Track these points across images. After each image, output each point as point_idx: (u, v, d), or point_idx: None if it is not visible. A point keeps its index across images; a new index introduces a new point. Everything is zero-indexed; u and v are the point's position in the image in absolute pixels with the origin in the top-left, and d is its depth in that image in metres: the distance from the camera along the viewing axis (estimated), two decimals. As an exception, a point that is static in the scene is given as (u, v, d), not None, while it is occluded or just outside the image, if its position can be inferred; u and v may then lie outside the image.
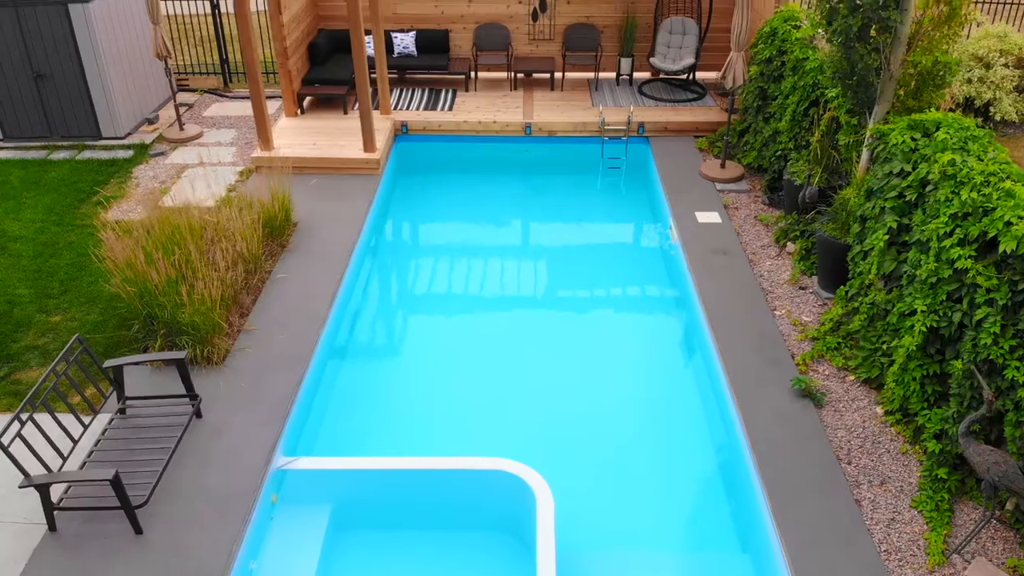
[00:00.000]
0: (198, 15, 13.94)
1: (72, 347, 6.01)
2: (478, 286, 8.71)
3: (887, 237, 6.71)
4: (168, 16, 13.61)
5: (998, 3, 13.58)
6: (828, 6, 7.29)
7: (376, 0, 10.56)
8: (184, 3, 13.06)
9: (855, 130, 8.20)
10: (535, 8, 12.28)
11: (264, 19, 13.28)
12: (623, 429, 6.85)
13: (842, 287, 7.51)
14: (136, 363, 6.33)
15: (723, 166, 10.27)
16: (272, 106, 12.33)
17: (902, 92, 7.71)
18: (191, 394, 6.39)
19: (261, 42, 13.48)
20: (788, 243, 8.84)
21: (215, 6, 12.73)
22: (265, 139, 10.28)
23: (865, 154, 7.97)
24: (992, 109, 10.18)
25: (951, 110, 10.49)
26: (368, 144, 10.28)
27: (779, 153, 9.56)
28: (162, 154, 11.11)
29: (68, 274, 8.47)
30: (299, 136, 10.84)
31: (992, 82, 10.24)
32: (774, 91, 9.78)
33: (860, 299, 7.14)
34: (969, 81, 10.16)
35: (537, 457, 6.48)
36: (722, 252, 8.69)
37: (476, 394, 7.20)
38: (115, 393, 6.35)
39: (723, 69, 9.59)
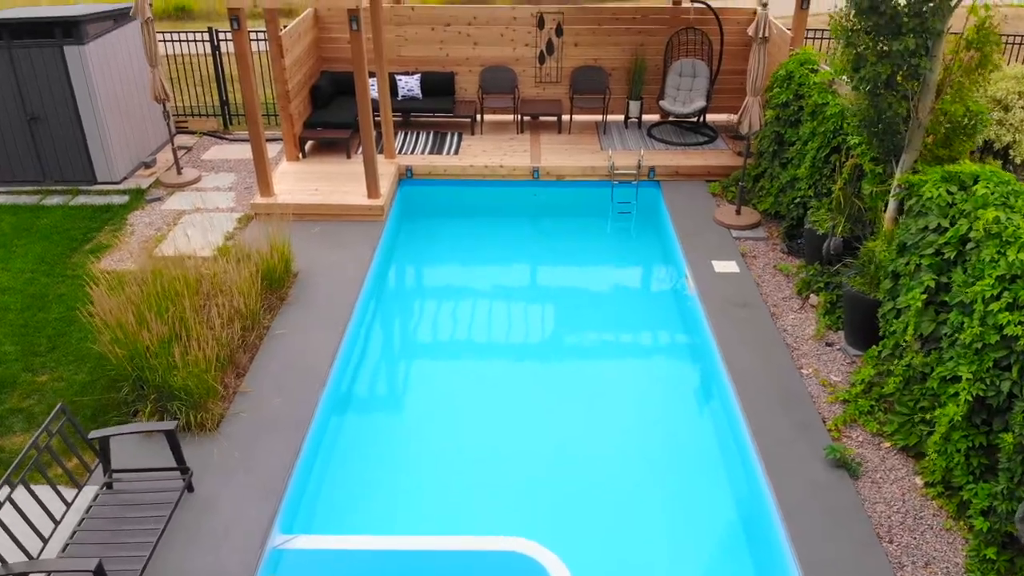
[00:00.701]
0: (198, 55, 13.71)
1: (56, 416, 5.58)
2: (486, 337, 8.31)
3: (924, 296, 6.33)
4: (168, 55, 13.39)
5: (1014, 44, 13.38)
6: (855, 52, 7.00)
7: (380, 42, 10.31)
8: (184, 43, 12.83)
9: (880, 179, 7.88)
10: (542, 51, 12.05)
11: (265, 59, 13.05)
12: (642, 498, 6.39)
13: (874, 347, 7.12)
14: (123, 434, 5.90)
15: (738, 212, 9.94)
16: (273, 149, 12.03)
17: (930, 140, 7.41)
18: (182, 467, 5.95)
19: (262, 83, 13.24)
20: (811, 295, 8.47)
21: (215, 47, 12.50)
22: (265, 185, 9.95)
23: (892, 204, 7.63)
24: (1012, 152, 9.88)
25: (971, 153, 10.19)
26: (372, 190, 9.95)
27: (798, 200, 9.23)
28: (158, 200, 10.77)
29: (56, 329, 8.07)
30: (300, 181, 10.52)
31: (1012, 125, 9.95)
32: (791, 136, 9.48)
33: (895, 361, 6.73)
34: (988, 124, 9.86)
35: (550, 530, 6.02)
36: (742, 304, 8.31)
37: (486, 457, 6.75)
38: (100, 465, 5.91)
39: (739, 114, 9.30)
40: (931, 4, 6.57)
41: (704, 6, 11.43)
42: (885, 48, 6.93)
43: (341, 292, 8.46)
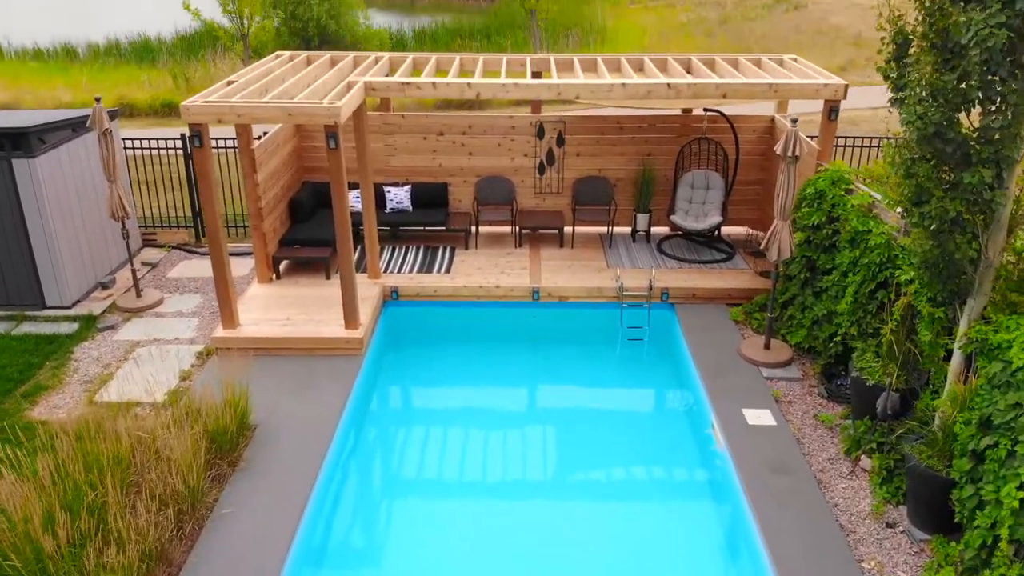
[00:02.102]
0: (173, 153, 12.60)
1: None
2: (481, 498, 6.95)
3: (1023, 494, 5.04)
4: (139, 156, 12.43)
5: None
6: (915, 183, 5.91)
7: (365, 152, 9.33)
8: (156, 151, 11.87)
9: (941, 323, 6.69)
10: (541, 161, 11.09)
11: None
12: None
13: (954, 545, 5.77)
14: None
15: (767, 346, 8.73)
16: (245, 266, 10.93)
17: (1001, 284, 6.26)
18: None
19: (239, 190, 12.17)
20: (862, 456, 7.16)
21: (188, 154, 11.54)
22: (228, 316, 8.77)
23: (958, 357, 6.42)
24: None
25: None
26: (350, 320, 8.77)
27: (837, 337, 8.04)
28: (111, 328, 9.58)
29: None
30: (270, 308, 9.35)
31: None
32: (825, 263, 8.36)
33: (981, 571, 5.38)
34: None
35: None
36: (783, 470, 6.99)
37: None
38: None
39: (766, 240, 8.21)
40: (1006, 129, 5.52)
41: (717, 114, 10.52)
42: (951, 179, 5.85)
43: (305, 452, 7.16)
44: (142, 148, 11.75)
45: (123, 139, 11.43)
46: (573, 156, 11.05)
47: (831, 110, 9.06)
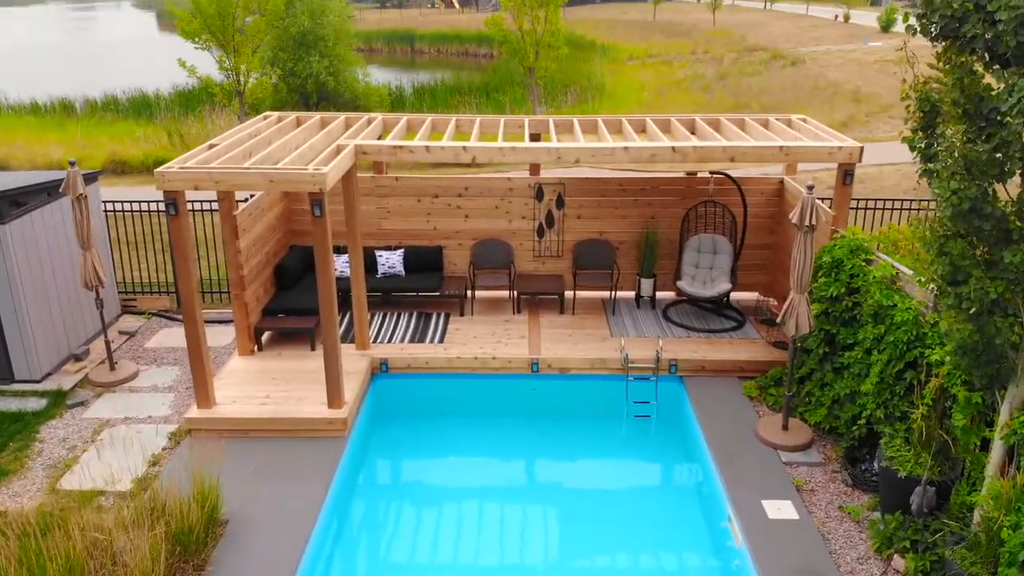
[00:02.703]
0: (159, 212, 11.97)
1: None
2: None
3: (1097, 622, 4.38)
4: (121, 216, 11.92)
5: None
6: (949, 261, 5.38)
7: (354, 214, 8.84)
8: (140, 204, 11.39)
9: (978, 409, 6.10)
10: (541, 223, 10.61)
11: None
12: None
13: (1013, 671, 5.08)
14: None
15: (785, 427, 8.10)
16: (227, 335, 10.35)
17: (1046, 368, 5.69)
18: None
19: (221, 251, 11.64)
20: (895, 555, 6.48)
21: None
22: (204, 395, 8.16)
23: (999, 448, 5.83)
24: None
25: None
26: (333, 399, 8.16)
27: (861, 419, 7.43)
28: (81, 404, 8.96)
29: None
30: (250, 384, 8.74)
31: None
32: (846, 337, 7.79)
33: None
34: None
35: None
36: (809, 572, 6.31)
37: None
38: None
39: (782, 313, 7.65)
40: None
41: (724, 176, 10.07)
42: (989, 257, 5.33)
43: (280, 552, 6.47)
44: (123, 210, 11.27)
45: (104, 201, 10.98)
46: (573, 218, 10.57)
47: (846, 173, 8.61)
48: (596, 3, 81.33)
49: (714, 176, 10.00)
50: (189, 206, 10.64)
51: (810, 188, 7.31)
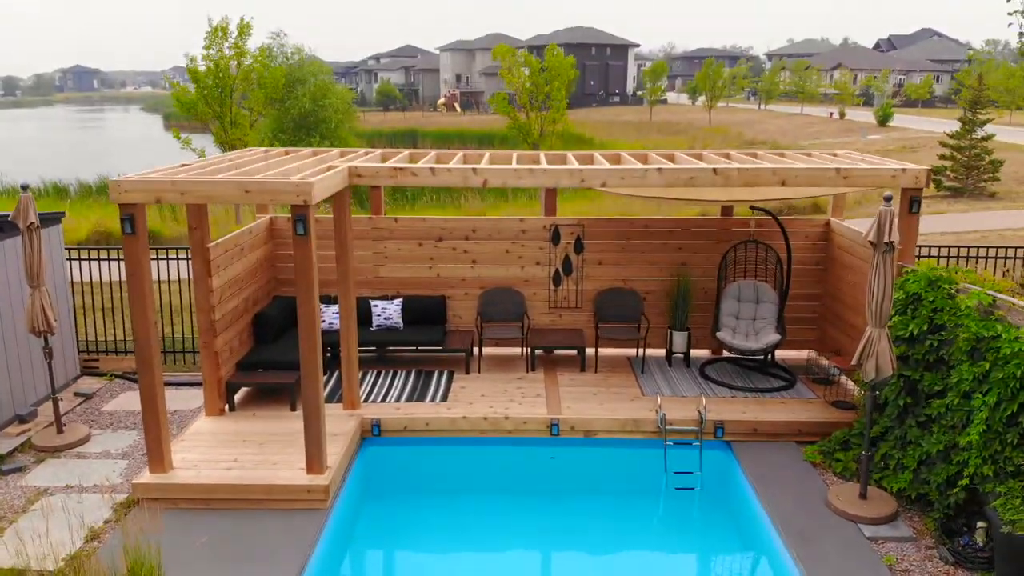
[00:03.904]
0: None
1: None
2: None
3: None
4: (87, 271, 10.75)
5: None
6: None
7: (347, 259, 7.67)
8: (108, 253, 10.23)
9: None
10: (557, 270, 9.43)
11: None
12: None
13: None
14: None
15: (864, 495, 6.64)
16: (195, 399, 8.97)
17: None
18: None
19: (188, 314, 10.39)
20: (1041, 657, 4.93)
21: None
22: (157, 456, 6.75)
23: None
24: None
25: None
26: (313, 462, 6.73)
27: (962, 480, 6.00)
28: (19, 470, 7.51)
29: None
30: (217, 447, 7.32)
31: None
32: (932, 384, 6.46)
33: None
34: None
35: None
36: None
37: None
38: None
39: (858, 353, 6.35)
40: None
41: (765, 213, 8.95)
42: None
43: (235, 653, 4.93)
44: (88, 258, 10.09)
45: (69, 248, 9.84)
46: (594, 264, 9.40)
47: (912, 200, 7.48)
48: (593, 106, 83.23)
49: (755, 212, 8.88)
50: (156, 269, 9.54)
51: (888, 199, 6.16)
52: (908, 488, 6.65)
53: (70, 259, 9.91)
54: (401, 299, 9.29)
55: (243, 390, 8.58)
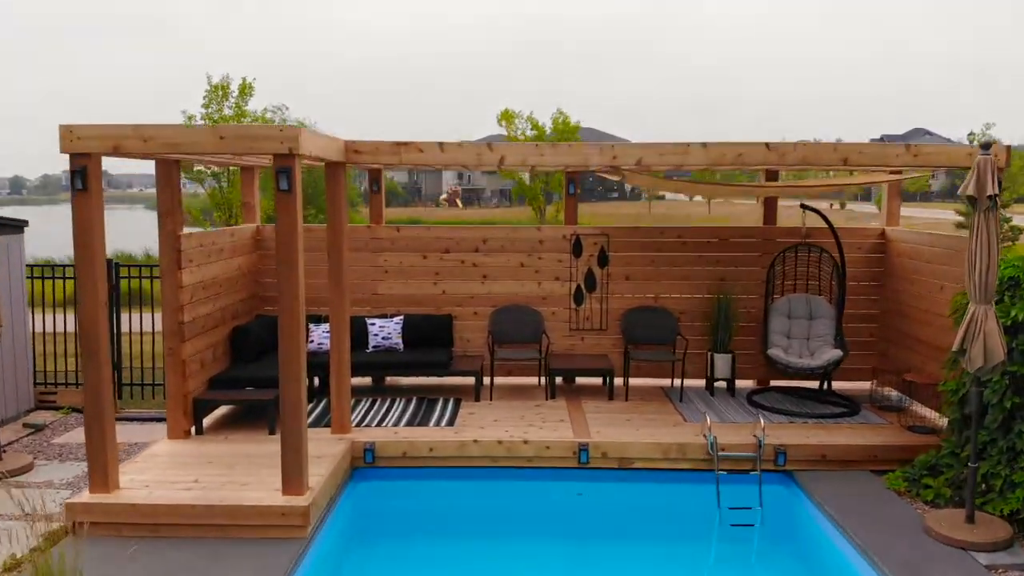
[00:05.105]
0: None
1: None
2: None
3: None
4: (51, 289, 9.64)
5: None
6: None
7: (341, 272, 6.61)
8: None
9: None
10: (579, 286, 8.35)
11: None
12: None
13: None
14: None
15: (971, 518, 5.33)
16: (160, 434, 7.69)
17: None
18: None
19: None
20: None
21: (113, 286, 8.77)
22: (99, 474, 5.48)
23: None
24: None
25: None
26: (291, 481, 5.45)
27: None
28: (-65, 501, 6.19)
29: None
30: (175, 467, 6.05)
31: None
32: (1051, 378, 5.27)
33: None
34: None
35: None
36: None
37: None
38: None
39: (959, 338, 5.20)
40: None
41: (816, 213, 7.92)
42: None
43: None
44: (53, 276, 9.02)
45: (31, 266, 8.82)
46: (620, 280, 8.33)
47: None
48: (594, 201, 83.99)
49: (805, 212, 7.86)
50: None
51: (985, 148, 5.17)
52: (1021, 508, 5.34)
53: (32, 277, 8.86)
54: (402, 317, 8.16)
55: (213, 415, 7.34)
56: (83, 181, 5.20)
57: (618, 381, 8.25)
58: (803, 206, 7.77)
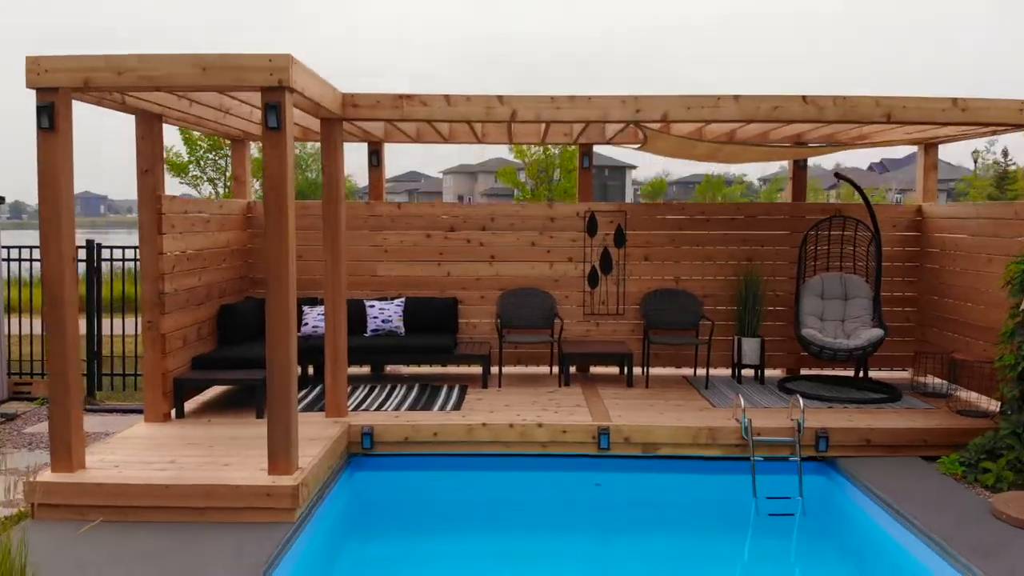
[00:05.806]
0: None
1: None
2: None
3: None
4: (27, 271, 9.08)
5: None
6: None
7: (338, 245, 6.06)
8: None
9: None
10: (594, 267, 7.78)
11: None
12: None
13: None
14: None
15: (1051, 503, 4.71)
16: (135, 423, 7.09)
17: None
18: None
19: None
20: None
21: (94, 269, 8.20)
22: (62, 451, 4.88)
23: None
24: None
25: None
26: (278, 459, 4.83)
27: None
28: None
29: None
30: (150, 449, 5.42)
31: None
32: None
33: None
34: None
35: None
36: None
37: None
38: None
39: (1008, 281, 4.61)
40: None
41: (849, 183, 7.37)
42: None
43: None
44: (31, 259, 8.45)
45: (7, 247, 8.27)
46: (639, 260, 7.75)
47: (1049, 141, 5.95)
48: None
49: (839, 180, 7.30)
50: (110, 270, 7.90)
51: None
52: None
53: (8, 259, 8.31)
54: (402, 301, 7.57)
55: (195, 400, 6.73)
56: (50, 119, 4.64)
57: (637, 370, 7.64)
58: (837, 175, 7.22)
